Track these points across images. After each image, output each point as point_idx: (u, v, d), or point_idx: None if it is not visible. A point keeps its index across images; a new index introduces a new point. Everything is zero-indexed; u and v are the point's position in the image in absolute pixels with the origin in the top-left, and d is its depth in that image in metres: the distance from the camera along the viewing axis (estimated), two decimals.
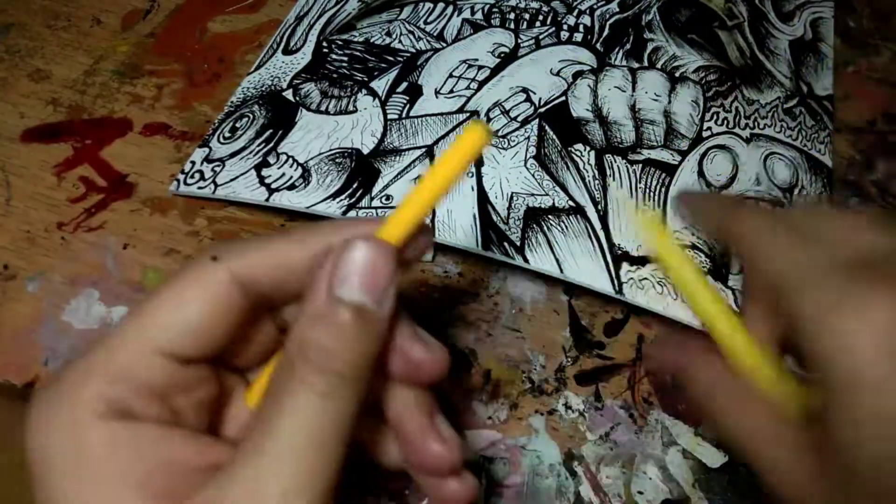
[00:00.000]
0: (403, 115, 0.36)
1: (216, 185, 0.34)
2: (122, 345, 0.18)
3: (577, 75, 0.38)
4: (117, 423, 0.17)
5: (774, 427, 0.18)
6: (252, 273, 0.20)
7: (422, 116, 0.36)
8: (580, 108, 0.36)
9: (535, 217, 0.32)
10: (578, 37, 0.40)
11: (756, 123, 0.36)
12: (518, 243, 0.31)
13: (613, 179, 0.33)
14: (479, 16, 0.41)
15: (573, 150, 0.35)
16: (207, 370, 0.20)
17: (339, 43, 0.40)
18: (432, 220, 0.32)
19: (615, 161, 0.34)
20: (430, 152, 0.35)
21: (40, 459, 0.17)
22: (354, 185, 0.34)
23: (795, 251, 0.18)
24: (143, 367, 0.18)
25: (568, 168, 0.34)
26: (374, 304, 0.18)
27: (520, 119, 0.36)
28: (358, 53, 0.40)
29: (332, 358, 0.18)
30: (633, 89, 0.37)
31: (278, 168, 0.35)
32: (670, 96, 0.37)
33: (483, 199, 0.33)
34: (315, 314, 0.18)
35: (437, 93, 0.37)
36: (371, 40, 0.40)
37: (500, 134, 0.35)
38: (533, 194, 0.33)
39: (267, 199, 0.33)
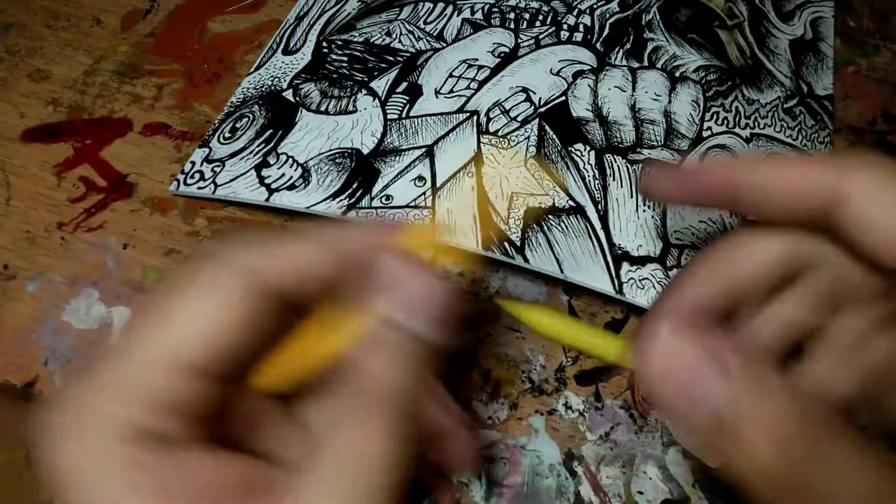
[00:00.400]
0: (403, 115, 0.36)
1: (216, 186, 0.34)
2: (143, 363, 0.18)
3: (577, 75, 0.38)
4: (143, 448, 0.17)
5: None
6: (271, 279, 0.19)
7: (422, 116, 0.36)
8: (580, 107, 0.36)
9: (535, 217, 0.32)
10: (578, 36, 0.40)
11: (756, 123, 0.36)
12: (518, 243, 0.31)
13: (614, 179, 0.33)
14: (478, 16, 0.41)
15: (573, 149, 0.35)
16: (228, 383, 0.19)
17: (339, 43, 0.40)
18: (432, 221, 0.32)
19: (615, 161, 0.34)
20: (430, 152, 0.35)
21: (65, 486, 0.17)
22: (354, 185, 0.34)
23: None
24: (167, 386, 0.17)
25: (568, 168, 0.34)
26: (427, 328, 0.19)
27: (520, 119, 0.36)
28: (358, 53, 0.40)
29: (389, 384, 0.18)
30: (634, 89, 0.37)
31: (278, 168, 0.35)
32: (670, 96, 0.37)
33: (483, 199, 0.33)
34: (370, 340, 0.18)
35: (437, 93, 0.37)
36: (371, 40, 0.40)
37: (500, 134, 0.35)
38: (533, 194, 0.33)
39: (267, 200, 0.33)
